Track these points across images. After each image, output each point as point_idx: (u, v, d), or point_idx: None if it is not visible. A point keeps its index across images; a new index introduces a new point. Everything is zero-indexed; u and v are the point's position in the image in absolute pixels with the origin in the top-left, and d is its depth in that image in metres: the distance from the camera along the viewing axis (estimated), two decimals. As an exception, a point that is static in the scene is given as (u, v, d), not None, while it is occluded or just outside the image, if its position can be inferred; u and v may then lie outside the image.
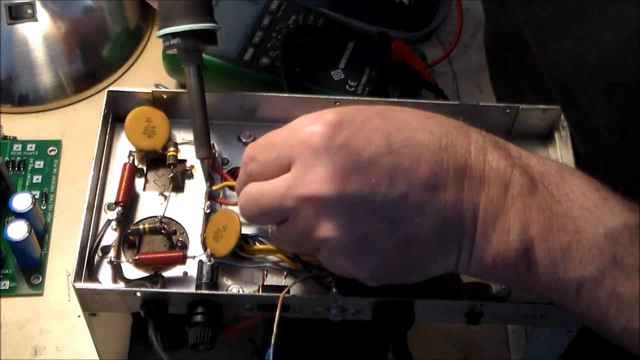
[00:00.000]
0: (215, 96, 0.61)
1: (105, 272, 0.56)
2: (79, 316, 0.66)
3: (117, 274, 0.56)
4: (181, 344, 0.55)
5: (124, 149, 0.62)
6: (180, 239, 0.58)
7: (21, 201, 0.68)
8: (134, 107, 0.61)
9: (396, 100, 0.65)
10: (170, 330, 0.54)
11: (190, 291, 0.55)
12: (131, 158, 0.60)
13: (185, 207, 0.59)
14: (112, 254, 0.57)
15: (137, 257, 0.56)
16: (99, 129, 0.60)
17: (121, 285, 0.55)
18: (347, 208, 0.48)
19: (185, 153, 0.61)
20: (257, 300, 0.54)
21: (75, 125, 0.78)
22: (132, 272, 0.56)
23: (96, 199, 0.58)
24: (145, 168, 0.61)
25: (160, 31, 0.60)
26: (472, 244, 0.49)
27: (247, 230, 0.57)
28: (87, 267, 0.56)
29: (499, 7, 0.72)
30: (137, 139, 0.61)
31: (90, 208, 0.57)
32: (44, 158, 0.75)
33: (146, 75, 0.81)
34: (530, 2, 0.61)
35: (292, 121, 0.50)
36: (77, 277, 0.54)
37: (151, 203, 0.60)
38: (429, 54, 0.80)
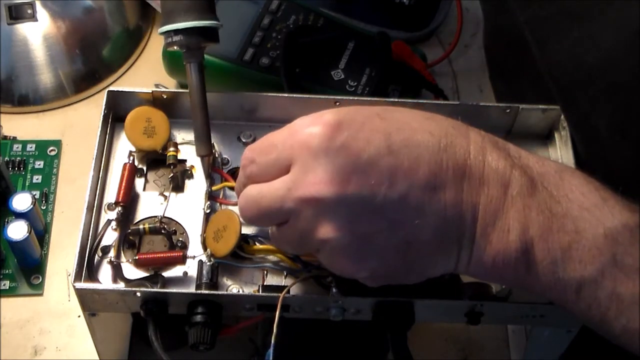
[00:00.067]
0: (215, 96, 0.61)
1: (105, 272, 0.56)
2: (79, 316, 0.66)
3: (117, 274, 0.56)
4: (181, 344, 0.55)
5: (124, 149, 0.62)
6: (180, 239, 0.58)
7: (21, 201, 0.68)
8: (134, 107, 0.61)
9: (396, 100, 0.65)
10: (170, 330, 0.54)
11: (190, 291, 0.55)
12: (131, 158, 0.60)
13: (185, 207, 0.59)
14: (112, 254, 0.57)
15: (137, 257, 0.56)
16: (99, 129, 0.60)
17: (121, 285, 0.55)
18: (347, 209, 0.48)
19: (185, 153, 0.61)
20: (257, 300, 0.54)
21: (75, 125, 0.78)
22: (132, 272, 0.56)
23: (96, 199, 0.58)
24: (145, 168, 0.61)
25: (162, 28, 0.59)
26: (472, 244, 0.49)
27: (247, 230, 0.57)
28: (87, 267, 0.56)
29: (498, 7, 0.72)
30: (137, 139, 0.61)
31: (90, 208, 0.57)
32: (44, 158, 0.75)
33: (146, 75, 0.81)
34: (530, 2, 0.61)
35: (291, 122, 0.50)
36: (77, 277, 0.54)
37: (151, 203, 0.60)
38: (429, 54, 0.80)
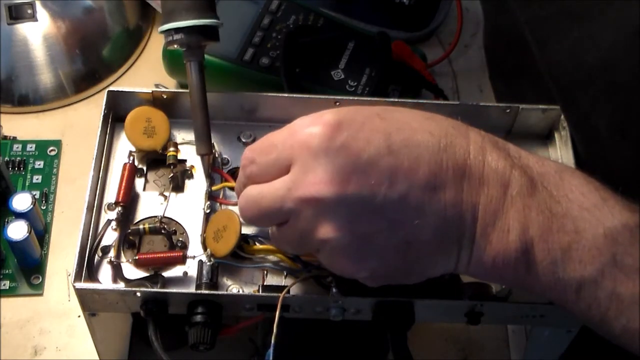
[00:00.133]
0: (215, 96, 0.61)
1: (105, 272, 0.56)
2: (79, 316, 0.66)
3: (117, 274, 0.56)
4: (181, 344, 0.55)
5: (124, 149, 0.62)
6: (180, 239, 0.58)
7: (21, 201, 0.68)
8: (134, 107, 0.61)
9: (396, 100, 0.65)
10: (170, 330, 0.54)
11: (190, 291, 0.55)
12: (131, 158, 0.60)
13: (185, 207, 0.59)
14: (112, 254, 0.57)
15: (137, 257, 0.56)
16: (99, 129, 0.60)
17: (121, 285, 0.55)
18: (347, 209, 0.48)
19: (185, 153, 0.61)
20: (257, 300, 0.54)
21: (75, 125, 0.78)
22: (132, 272, 0.56)
23: (96, 199, 0.58)
24: (145, 168, 0.61)
25: (162, 26, 0.59)
26: (472, 244, 0.49)
27: (247, 230, 0.57)
28: (87, 267, 0.56)
29: (498, 7, 0.72)
30: (137, 139, 0.61)
31: (90, 208, 0.57)
32: (44, 158, 0.75)
33: (146, 75, 0.81)
34: (530, 2, 0.61)
35: (291, 122, 0.50)
36: (77, 277, 0.54)
37: (151, 203, 0.60)
38: (429, 54, 0.80)
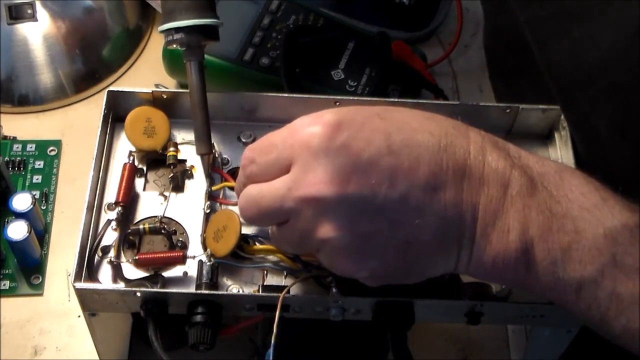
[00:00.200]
0: (215, 96, 0.61)
1: (105, 272, 0.56)
2: (79, 316, 0.66)
3: (117, 274, 0.56)
4: (181, 344, 0.55)
5: (124, 149, 0.62)
6: (180, 239, 0.58)
7: (21, 201, 0.68)
8: (134, 107, 0.61)
9: (396, 100, 0.65)
10: (170, 330, 0.54)
11: (190, 291, 0.55)
12: (131, 158, 0.60)
13: (185, 207, 0.59)
14: (112, 254, 0.57)
15: (137, 257, 0.56)
16: (99, 129, 0.60)
17: (121, 285, 0.55)
18: (347, 209, 0.48)
19: (185, 153, 0.61)
20: (257, 300, 0.54)
21: (75, 125, 0.78)
22: (132, 272, 0.56)
23: (96, 199, 0.58)
24: (145, 168, 0.61)
25: (162, 26, 0.59)
26: (472, 244, 0.49)
27: (247, 230, 0.57)
28: (87, 267, 0.56)
29: (498, 7, 0.72)
30: (137, 139, 0.61)
31: (90, 208, 0.57)
32: (44, 158, 0.75)
33: (146, 75, 0.81)
34: (530, 2, 0.61)
35: (291, 121, 0.50)
36: (77, 277, 0.54)
37: (151, 203, 0.60)
38: (429, 54, 0.80)
